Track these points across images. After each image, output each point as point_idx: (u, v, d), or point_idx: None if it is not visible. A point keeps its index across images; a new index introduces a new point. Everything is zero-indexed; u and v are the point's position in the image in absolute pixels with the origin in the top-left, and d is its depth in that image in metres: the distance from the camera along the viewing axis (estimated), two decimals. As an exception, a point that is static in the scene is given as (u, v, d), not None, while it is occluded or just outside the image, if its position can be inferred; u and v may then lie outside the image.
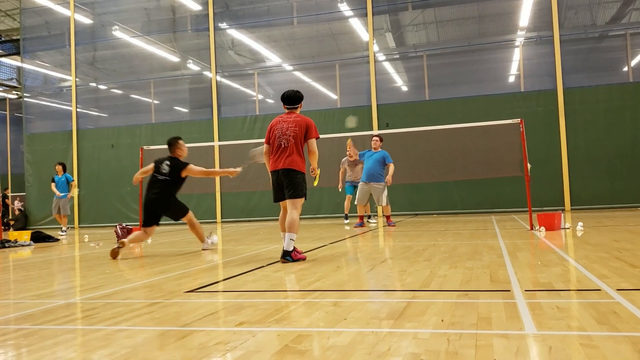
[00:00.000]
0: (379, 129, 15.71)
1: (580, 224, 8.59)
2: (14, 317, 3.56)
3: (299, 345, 2.54)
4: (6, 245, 10.00)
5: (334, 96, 17.69)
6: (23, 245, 10.28)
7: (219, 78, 18.04)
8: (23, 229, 16.68)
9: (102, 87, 20.12)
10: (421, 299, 3.55)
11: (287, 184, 5.88)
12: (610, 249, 5.73)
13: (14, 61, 24.42)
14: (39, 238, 11.01)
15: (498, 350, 2.32)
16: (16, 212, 19.74)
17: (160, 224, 7.52)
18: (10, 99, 26.27)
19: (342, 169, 12.17)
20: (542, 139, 14.60)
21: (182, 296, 4.01)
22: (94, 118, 20.07)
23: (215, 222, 17.03)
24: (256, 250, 7.43)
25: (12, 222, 18.63)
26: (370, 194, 11.09)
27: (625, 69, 15.71)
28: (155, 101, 19.77)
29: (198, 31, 18.73)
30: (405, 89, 18.18)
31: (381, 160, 10.82)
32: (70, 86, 19.30)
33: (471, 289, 3.82)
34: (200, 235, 7.64)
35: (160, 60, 19.59)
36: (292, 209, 5.84)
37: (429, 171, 12.01)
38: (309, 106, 17.48)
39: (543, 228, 8.21)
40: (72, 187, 13.93)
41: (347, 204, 12.22)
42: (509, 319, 2.87)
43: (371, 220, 12.43)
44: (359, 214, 11.56)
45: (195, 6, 18.42)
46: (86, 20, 19.63)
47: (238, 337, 2.73)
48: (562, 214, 8.73)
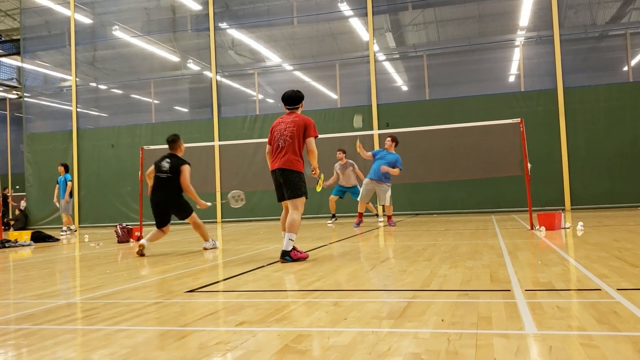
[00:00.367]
0: (379, 129, 15.72)
1: (580, 223, 8.59)
2: (14, 317, 3.57)
3: (299, 345, 2.54)
4: (6, 245, 10.00)
5: (334, 96, 17.69)
6: (23, 245, 10.29)
7: (219, 78, 18.04)
8: (23, 229, 16.70)
9: (102, 87, 20.12)
10: (421, 299, 3.55)
11: (284, 183, 5.88)
12: (610, 248, 5.73)
13: (14, 61, 24.40)
14: (39, 238, 11.01)
15: (498, 350, 2.32)
16: (17, 212, 19.73)
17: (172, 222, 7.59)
18: (10, 98, 26.27)
19: (335, 175, 12.46)
20: (542, 139, 14.60)
21: (183, 296, 4.01)
22: (94, 118, 20.07)
23: (216, 222, 17.04)
24: (256, 250, 7.43)
25: (12, 222, 18.64)
26: (375, 193, 11.29)
27: (625, 68, 15.70)
28: (156, 101, 19.76)
29: (198, 31, 18.73)
30: (405, 88, 18.17)
31: (392, 164, 10.94)
32: (71, 86, 19.29)
33: (471, 288, 3.82)
34: (204, 235, 7.67)
35: (160, 60, 19.59)
36: (293, 209, 5.83)
37: (429, 171, 12.01)
38: (309, 106, 17.42)
39: (543, 228, 8.21)
40: (67, 188, 14.13)
41: (332, 205, 12.67)
42: (509, 318, 2.88)
43: (379, 218, 12.67)
44: (359, 211, 11.60)
45: (196, 6, 18.41)
46: (86, 20, 19.63)
47: (238, 337, 2.73)
48: (562, 214, 8.74)
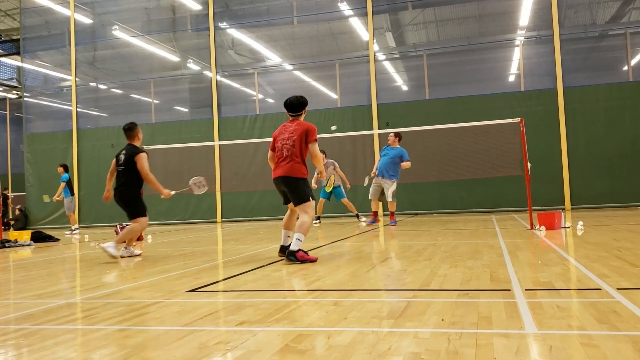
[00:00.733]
0: (379, 129, 15.72)
1: (580, 223, 8.60)
2: (14, 317, 3.57)
3: (300, 344, 2.54)
4: (6, 245, 10.01)
5: (334, 96, 17.69)
6: (23, 245, 10.29)
7: (219, 78, 18.03)
8: (23, 228, 16.70)
9: (102, 87, 20.12)
10: (421, 299, 3.55)
11: (290, 191, 5.85)
12: (610, 248, 5.73)
13: (14, 61, 24.40)
14: (39, 238, 11.02)
15: (498, 350, 2.32)
16: (17, 212, 19.74)
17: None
18: (10, 98, 26.27)
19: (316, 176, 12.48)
20: (542, 138, 14.60)
21: (183, 296, 4.01)
22: (94, 118, 20.06)
23: (216, 222, 17.03)
24: (256, 249, 7.43)
25: (13, 222, 18.64)
26: (382, 190, 11.22)
27: (625, 68, 15.70)
28: (156, 101, 19.76)
29: (198, 31, 18.73)
30: (405, 88, 18.17)
31: (396, 157, 10.83)
32: (70, 86, 19.29)
33: (471, 288, 3.82)
34: (130, 240, 7.01)
35: (160, 59, 19.58)
36: (303, 213, 5.80)
37: (429, 171, 12.02)
38: (309, 106, 17.46)
39: (543, 227, 8.21)
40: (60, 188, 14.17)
41: (320, 207, 12.84)
42: (509, 318, 2.87)
43: (361, 219, 12.68)
44: (372, 209, 11.62)
45: (195, 6, 18.41)
46: (86, 20, 19.63)
47: (238, 337, 2.73)
48: (562, 213, 8.74)
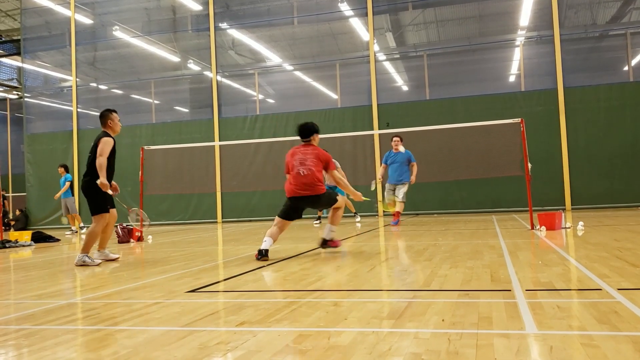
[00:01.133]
0: (379, 129, 15.71)
1: (580, 223, 8.59)
2: (14, 317, 3.57)
3: (300, 345, 2.54)
4: (7, 245, 10.01)
5: (335, 96, 17.69)
6: (24, 246, 10.29)
7: (219, 78, 18.03)
8: (24, 229, 16.70)
9: (103, 87, 20.12)
10: (422, 299, 3.55)
11: (319, 205, 6.53)
12: (610, 248, 5.73)
13: (14, 61, 24.40)
14: (39, 238, 11.02)
15: (499, 350, 2.32)
16: (17, 213, 19.74)
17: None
18: (10, 99, 26.26)
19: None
20: (543, 139, 14.59)
21: (183, 296, 4.01)
22: (95, 118, 19.99)
23: (216, 222, 17.03)
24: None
25: (13, 223, 18.65)
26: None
27: (626, 68, 15.69)
28: (156, 101, 19.76)
29: (198, 31, 18.72)
30: (405, 88, 18.17)
31: (406, 161, 11.09)
32: (71, 86, 19.29)
33: (472, 288, 3.81)
34: (86, 245, 6.35)
35: (160, 60, 19.58)
36: (335, 206, 6.40)
37: (429, 171, 12.03)
38: (309, 106, 17.55)
39: (544, 227, 8.21)
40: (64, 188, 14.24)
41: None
42: (509, 318, 2.87)
43: (357, 218, 12.76)
44: (391, 212, 11.58)
45: (196, 6, 18.41)
46: (86, 20, 19.63)
47: (239, 337, 2.73)
48: (563, 214, 8.74)
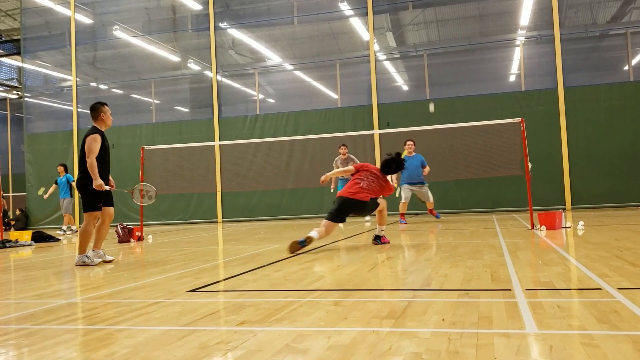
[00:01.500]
0: (379, 129, 15.71)
1: (581, 223, 8.59)
2: (15, 317, 3.57)
3: (300, 344, 2.54)
4: (7, 245, 10.01)
5: (335, 95, 17.68)
6: (24, 245, 10.30)
7: (219, 78, 18.03)
8: (24, 229, 16.71)
9: (103, 87, 20.12)
10: (422, 299, 3.55)
11: (364, 209, 7.10)
12: (611, 248, 5.73)
13: (14, 61, 24.40)
14: (39, 238, 11.03)
15: (499, 350, 2.31)
16: (17, 212, 19.75)
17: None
18: (11, 99, 26.27)
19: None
20: (543, 138, 14.59)
21: (183, 296, 4.01)
22: (95, 118, 20.06)
23: (216, 222, 17.04)
24: (257, 249, 7.43)
25: (13, 222, 18.65)
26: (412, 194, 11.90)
27: (626, 67, 15.69)
28: (156, 101, 19.77)
29: (198, 31, 18.73)
30: (405, 88, 18.17)
31: (419, 164, 11.64)
32: (71, 86, 19.30)
33: (472, 288, 3.81)
34: (82, 246, 6.22)
35: (160, 60, 19.59)
36: (380, 209, 7.15)
37: (430, 170, 12.06)
38: (309, 106, 17.57)
39: (544, 227, 8.21)
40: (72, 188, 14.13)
41: None
42: (509, 318, 2.87)
43: (367, 218, 12.91)
44: (402, 211, 11.84)
45: (196, 6, 18.41)
46: (87, 20, 19.63)
47: (239, 337, 2.73)
48: (563, 213, 8.74)
